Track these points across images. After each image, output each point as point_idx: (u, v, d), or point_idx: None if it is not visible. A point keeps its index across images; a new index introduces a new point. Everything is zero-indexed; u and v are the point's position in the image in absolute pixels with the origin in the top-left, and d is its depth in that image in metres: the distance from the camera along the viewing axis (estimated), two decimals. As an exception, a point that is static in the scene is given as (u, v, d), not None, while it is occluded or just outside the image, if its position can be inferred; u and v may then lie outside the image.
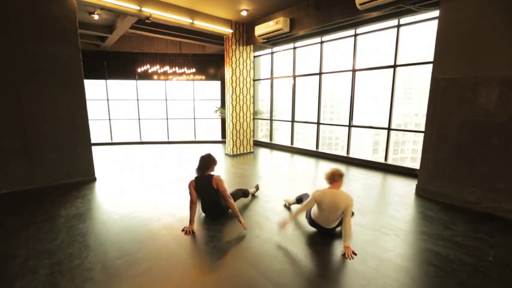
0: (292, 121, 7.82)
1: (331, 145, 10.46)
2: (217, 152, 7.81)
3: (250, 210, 3.54)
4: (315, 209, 2.81)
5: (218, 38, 7.65)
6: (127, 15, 5.41)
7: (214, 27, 6.32)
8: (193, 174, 3.11)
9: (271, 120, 8.61)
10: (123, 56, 8.88)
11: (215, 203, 3.17)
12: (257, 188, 4.18)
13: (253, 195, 4.08)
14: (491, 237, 2.86)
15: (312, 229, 2.98)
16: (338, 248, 2.63)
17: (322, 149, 7.23)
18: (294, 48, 7.42)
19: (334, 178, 2.69)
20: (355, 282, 2.13)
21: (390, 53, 5.39)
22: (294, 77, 7.55)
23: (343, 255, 2.46)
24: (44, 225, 3.06)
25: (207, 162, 3.11)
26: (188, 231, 2.90)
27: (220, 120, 9.74)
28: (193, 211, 2.98)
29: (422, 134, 4.13)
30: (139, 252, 2.51)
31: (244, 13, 6.02)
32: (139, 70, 9.02)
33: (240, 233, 2.91)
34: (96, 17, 5.98)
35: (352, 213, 3.03)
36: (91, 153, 4.83)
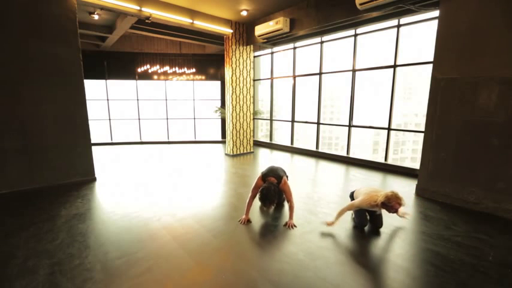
0: (292, 121, 7.82)
1: (331, 145, 10.44)
2: (217, 152, 7.82)
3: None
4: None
5: (218, 38, 7.65)
6: (127, 15, 5.41)
7: (214, 27, 6.32)
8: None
9: (271, 120, 8.61)
10: (123, 56, 8.88)
11: None
12: None
13: None
14: (491, 237, 2.86)
15: (310, 229, 2.99)
16: (338, 247, 2.63)
17: (322, 149, 7.23)
18: (294, 48, 7.42)
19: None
20: (355, 282, 2.13)
21: (390, 53, 5.40)
22: (294, 77, 7.55)
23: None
24: (44, 225, 3.06)
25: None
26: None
27: (220, 120, 9.74)
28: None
29: (422, 134, 4.13)
30: (139, 252, 2.52)
31: (244, 13, 6.02)
32: (139, 70, 9.02)
33: (240, 234, 2.91)
34: (96, 17, 5.98)
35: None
36: (91, 153, 4.83)
